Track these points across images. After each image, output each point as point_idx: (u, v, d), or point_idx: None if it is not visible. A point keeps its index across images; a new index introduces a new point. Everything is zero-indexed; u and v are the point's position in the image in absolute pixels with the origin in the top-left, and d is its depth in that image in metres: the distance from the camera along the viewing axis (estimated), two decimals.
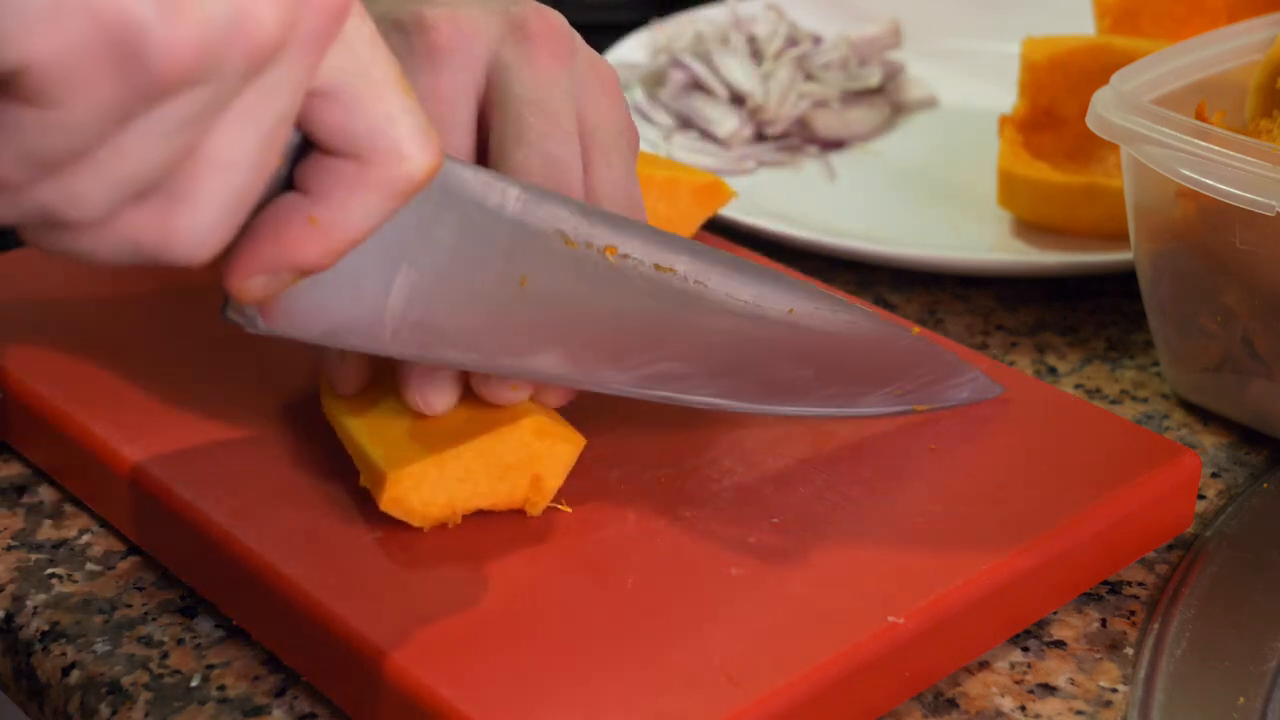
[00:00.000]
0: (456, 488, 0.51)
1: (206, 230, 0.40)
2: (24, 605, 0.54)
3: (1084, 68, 0.79)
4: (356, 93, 0.41)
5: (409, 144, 0.42)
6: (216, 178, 0.39)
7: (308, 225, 0.42)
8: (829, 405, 0.57)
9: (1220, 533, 0.58)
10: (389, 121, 0.41)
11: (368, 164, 0.41)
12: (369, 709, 0.48)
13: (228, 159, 0.39)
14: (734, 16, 0.96)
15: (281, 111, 0.39)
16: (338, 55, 0.40)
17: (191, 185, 0.39)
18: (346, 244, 0.43)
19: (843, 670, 0.47)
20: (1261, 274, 0.60)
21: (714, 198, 0.70)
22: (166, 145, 0.38)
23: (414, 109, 0.42)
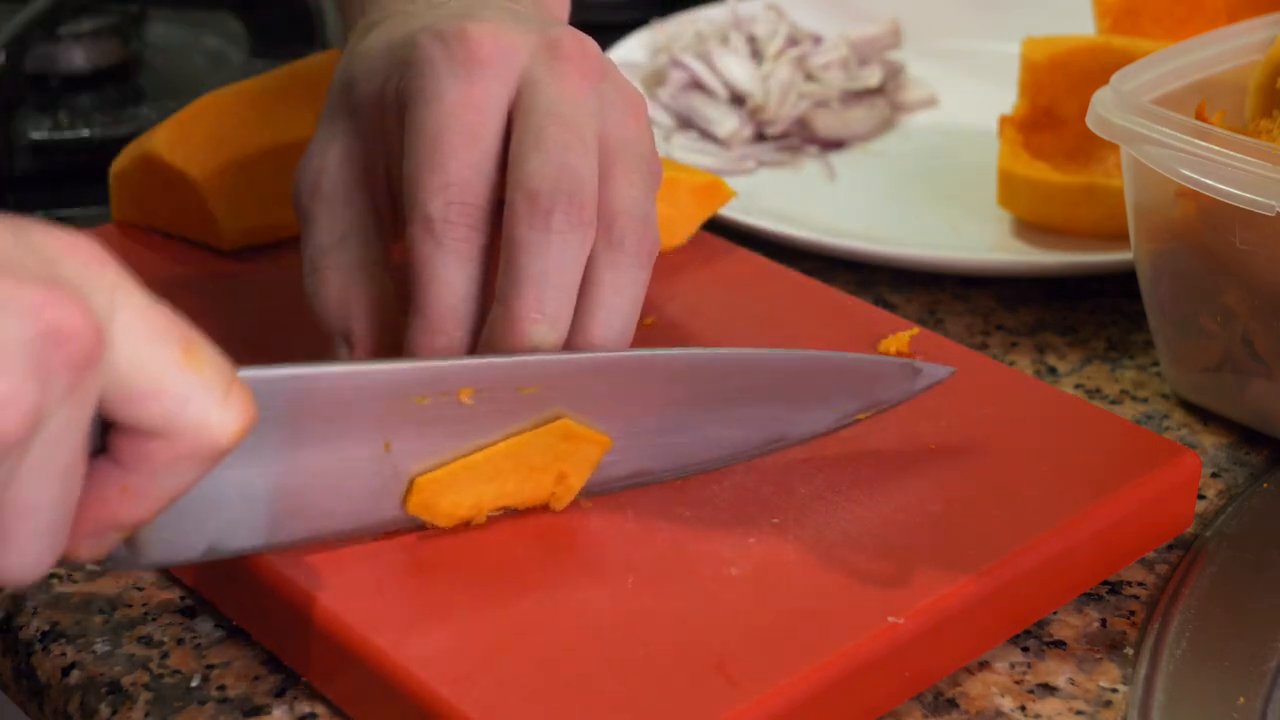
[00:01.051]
0: (484, 488, 0.51)
1: (30, 564, 0.41)
2: (24, 605, 0.54)
3: (1084, 68, 0.79)
4: (144, 385, 0.41)
5: (207, 416, 0.42)
6: (24, 523, 0.40)
7: (122, 493, 0.42)
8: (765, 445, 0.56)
9: (1220, 533, 0.58)
10: (182, 403, 0.41)
11: (171, 439, 0.42)
12: (369, 709, 0.48)
13: (28, 506, 0.40)
14: (734, 16, 0.96)
15: (64, 456, 0.40)
16: (117, 356, 0.40)
17: (2, 533, 0.40)
18: (163, 504, 0.43)
19: (843, 670, 0.47)
20: (1261, 274, 0.60)
21: (714, 198, 0.70)
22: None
23: (207, 380, 0.42)
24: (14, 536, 0.40)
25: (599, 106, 0.55)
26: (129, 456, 0.42)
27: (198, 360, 0.42)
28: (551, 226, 0.51)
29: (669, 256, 0.68)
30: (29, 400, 0.37)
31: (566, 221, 0.51)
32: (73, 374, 0.39)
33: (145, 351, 0.41)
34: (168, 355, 0.41)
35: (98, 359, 0.39)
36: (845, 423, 0.56)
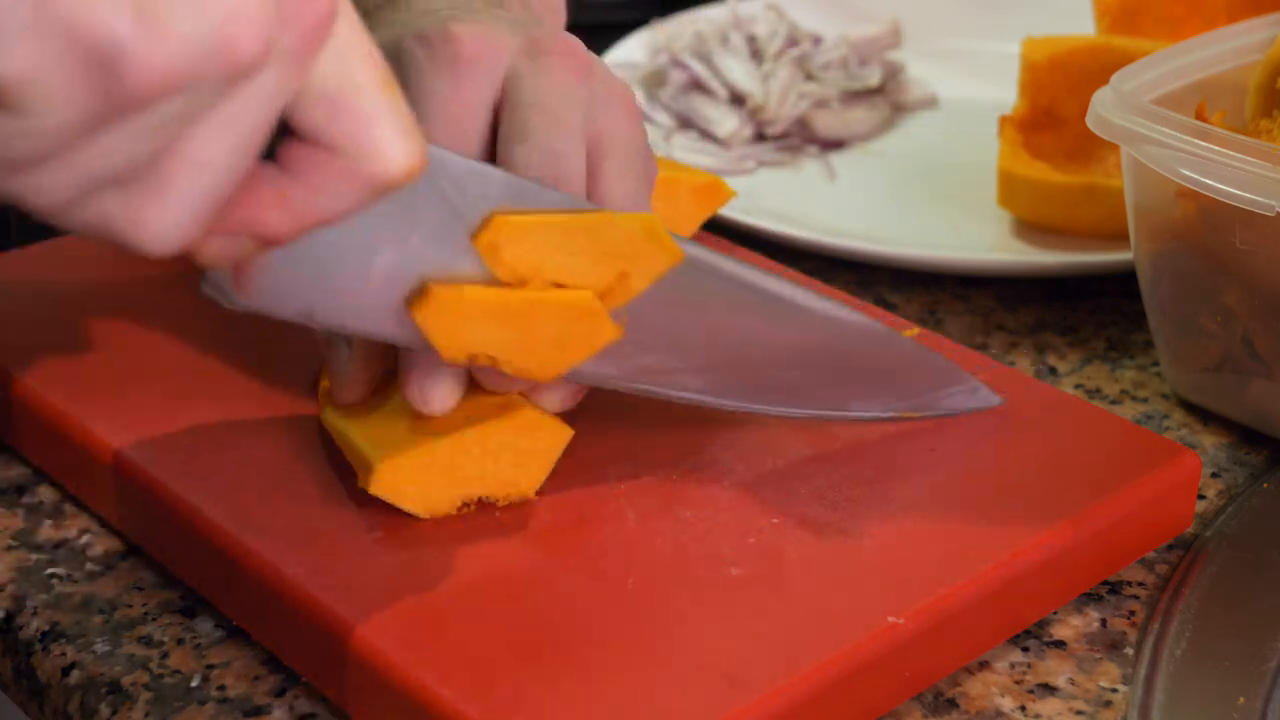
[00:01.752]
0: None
1: (174, 225, 0.40)
2: (24, 605, 0.54)
3: (1084, 68, 0.79)
4: (341, 95, 0.41)
5: (389, 145, 0.42)
6: (189, 176, 0.39)
7: (278, 198, 0.42)
8: (819, 408, 0.57)
9: (1220, 533, 0.58)
10: (370, 123, 0.42)
11: (346, 158, 0.42)
12: (369, 709, 0.48)
13: (202, 160, 0.39)
14: (734, 16, 0.96)
15: (260, 120, 0.40)
16: (324, 59, 0.41)
17: (163, 181, 0.39)
18: (312, 224, 0.43)
19: (843, 670, 0.47)
20: (1261, 274, 0.60)
21: (714, 198, 0.70)
22: (137, 148, 0.38)
23: (398, 111, 0.42)
24: (174, 187, 0.39)
25: (586, 100, 0.55)
26: (300, 164, 0.42)
27: (393, 89, 0.42)
28: None
29: None
30: (266, 33, 0.38)
31: None
32: (304, 35, 0.39)
33: (353, 62, 0.41)
34: (371, 74, 0.42)
35: (325, 33, 0.40)
36: (892, 416, 0.57)
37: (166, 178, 0.39)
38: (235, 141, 0.40)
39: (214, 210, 0.41)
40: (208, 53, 0.37)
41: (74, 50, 0.35)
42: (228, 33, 0.37)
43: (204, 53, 0.37)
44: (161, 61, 0.36)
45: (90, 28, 0.35)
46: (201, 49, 0.37)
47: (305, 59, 0.40)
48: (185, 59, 0.36)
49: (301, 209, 0.42)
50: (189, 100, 0.38)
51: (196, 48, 0.37)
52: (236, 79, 0.38)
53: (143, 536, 0.56)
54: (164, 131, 0.38)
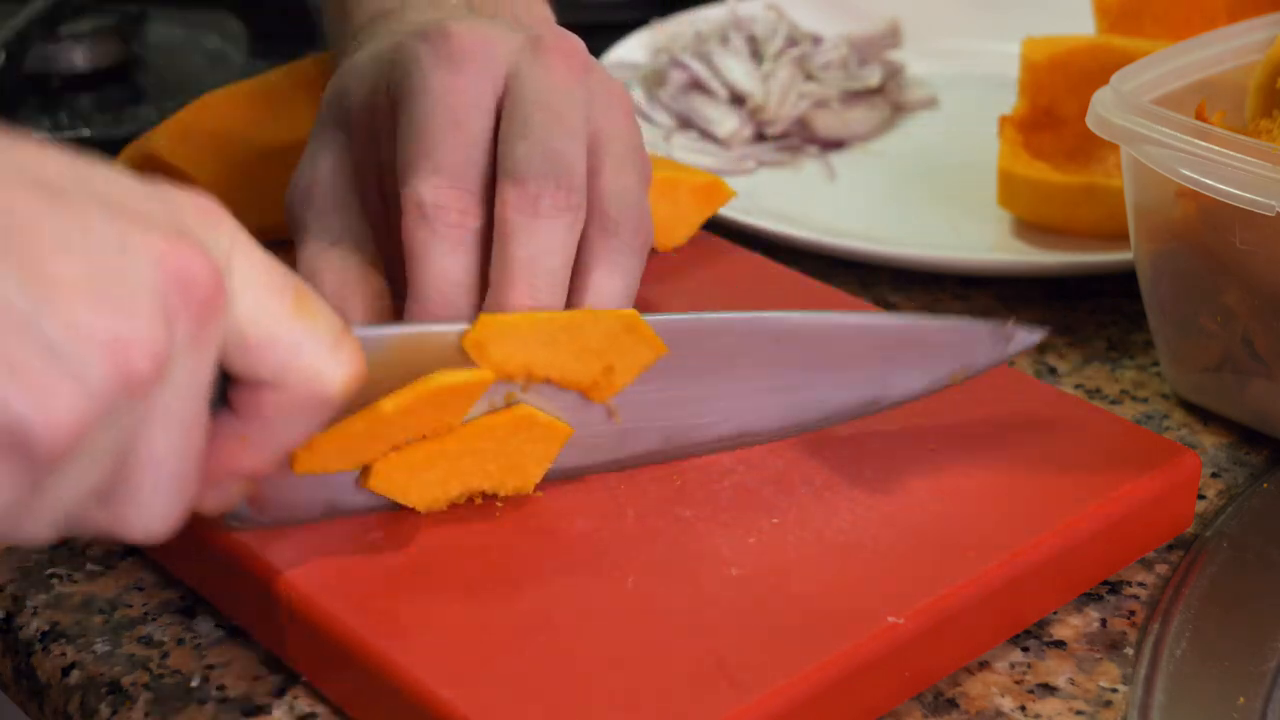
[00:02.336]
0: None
1: (157, 517, 0.42)
2: (24, 605, 0.54)
3: (1084, 68, 0.79)
4: (258, 338, 0.42)
5: (319, 367, 0.43)
6: (150, 475, 0.41)
7: (241, 442, 0.44)
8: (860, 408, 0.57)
9: (1220, 533, 0.58)
10: (295, 353, 0.43)
11: (286, 391, 0.43)
12: (369, 709, 0.48)
13: (153, 458, 0.41)
14: (734, 16, 0.96)
15: (188, 404, 0.41)
16: (230, 316, 0.42)
17: (129, 486, 0.41)
18: (280, 454, 0.45)
19: (843, 670, 0.47)
20: (1261, 274, 0.60)
21: (714, 198, 0.70)
22: (89, 477, 0.39)
23: (319, 329, 0.44)
24: (142, 489, 0.41)
25: (586, 98, 0.55)
26: (246, 407, 0.43)
27: (309, 311, 0.43)
28: (540, 211, 0.52)
29: (669, 256, 0.68)
30: (158, 342, 0.38)
31: (554, 205, 0.52)
32: (197, 320, 0.40)
33: (260, 302, 0.42)
34: (281, 306, 0.43)
35: (220, 306, 0.40)
36: (938, 386, 0.57)
37: (131, 484, 0.41)
38: (176, 431, 0.41)
39: (187, 490, 0.42)
40: (108, 388, 0.38)
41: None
42: (119, 362, 0.38)
43: (104, 390, 0.38)
44: (67, 418, 0.37)
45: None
46: (100, 387, 0.38)
47: (207, 340, 0.41)
48: (88, 406, 0.37)
49: (265, 444, 0.44)
50: (115, 424, 0.39)
51: (95, 390, 0.37)
52: (145, 391, 0.39)
53: None
54: (104, 457, 0.39)
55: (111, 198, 0.39)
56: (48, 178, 0.39)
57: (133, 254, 0.38)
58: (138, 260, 0.38)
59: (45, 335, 0.37)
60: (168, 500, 0.42)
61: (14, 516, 0.39)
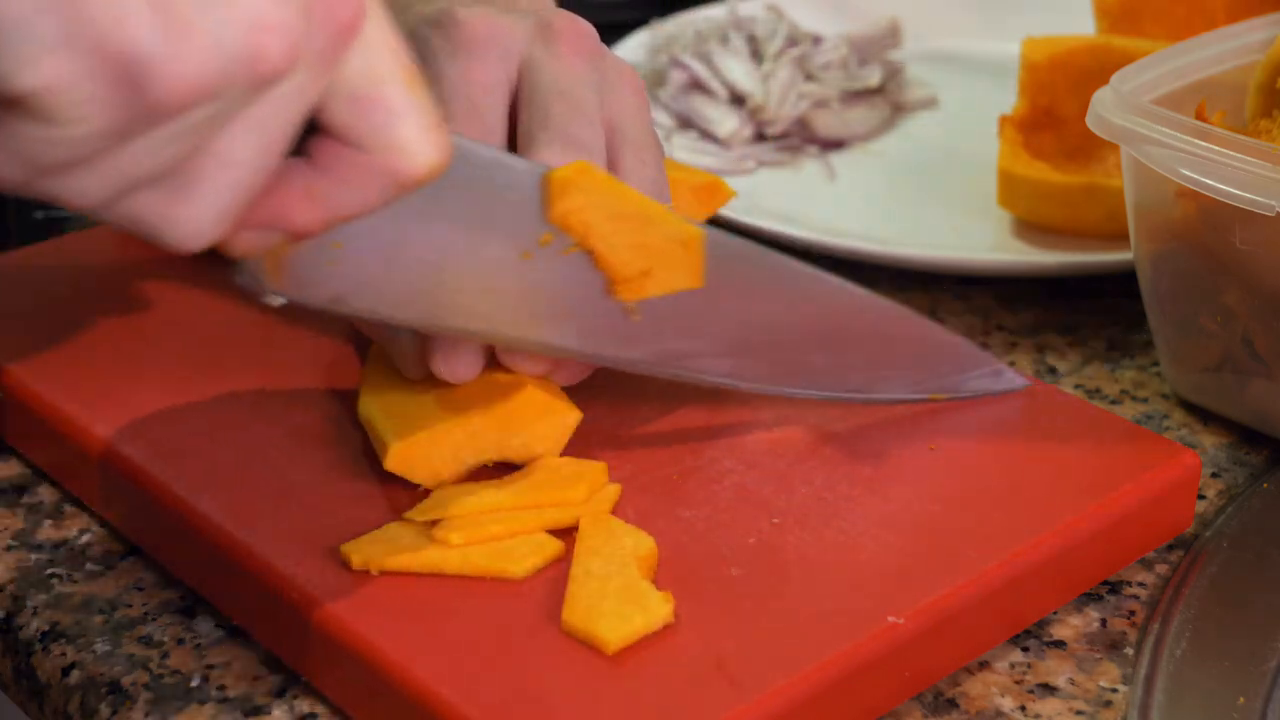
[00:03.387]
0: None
1: (205, 221, 0.41)
2: (24, 605, 0.54)
3: (1084, 68, 0.79)
4: (368, 93, 0.42)
5: (414, 142, 0.43)
6: (218, 175, 0.40)
7: (305, 193, 0.43)
8: (845, 390, 0.58)
9: (1220, 533, 0.58)
10: (397, 120, 0.42)
11: (372, 155, 0.43)
12: (369, 709, 0.48)
13: (231, 160, 0.40)
14: (734, 16, 0.96)
15: (287, 121, 0.40)
16: (352, 58, 0.41)
17: (194, 180, 0.40)
18: (339, 218, 0.44)
19: (843, 670, 0.47)
20: (1261, 274, 0.60)
21: (714, 198, 0.70)
22: (168, 151, 0.39)
23: (424, 108, 0.43)
24: (204, 185, 0.40)
25: (599, 83, 0.56)
26: (327, 160, 0.43)
27: (418, 87, 0.43)
28: None
29: None
30: (295, 39, 0.38)
31: None
32: (331, 39, 0.40)
33: (380, 61, 0.42)
34: (396, 72, 0.42)
35: (353, 36, 0.40)
36: (917, 398, 0.58)
37: (197, 178, 0.40)
38: (263, 142, 0.40)
39: (243, 207, 0.41)
40: (235, 62, 0.38)
41: (102, 64, 0.36)
42: (255, 42, 0.38)
43: (231, 63, 0.37)
44: (189, 73, 0.37)
45: (118, 42, 0.36)
46: (229, 59, 0.37)
47: (333, 62, 0.40)
48: (213, 70, 0.37)
49: (328, 204, 0.43)
50: (218, 106, 0.38)
51: (224, 58, 0.37)
52: (265, 86, 0.39)
53: (142, 536, 0.56)
54: (194, 135, 0.39)
55: None
56: None
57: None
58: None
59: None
60: (221, 207, 0.41)
61: (84, 159, 0.38)
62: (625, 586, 0.48)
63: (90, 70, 0.36)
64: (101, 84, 0.36)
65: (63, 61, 0.36)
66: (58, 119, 0.37)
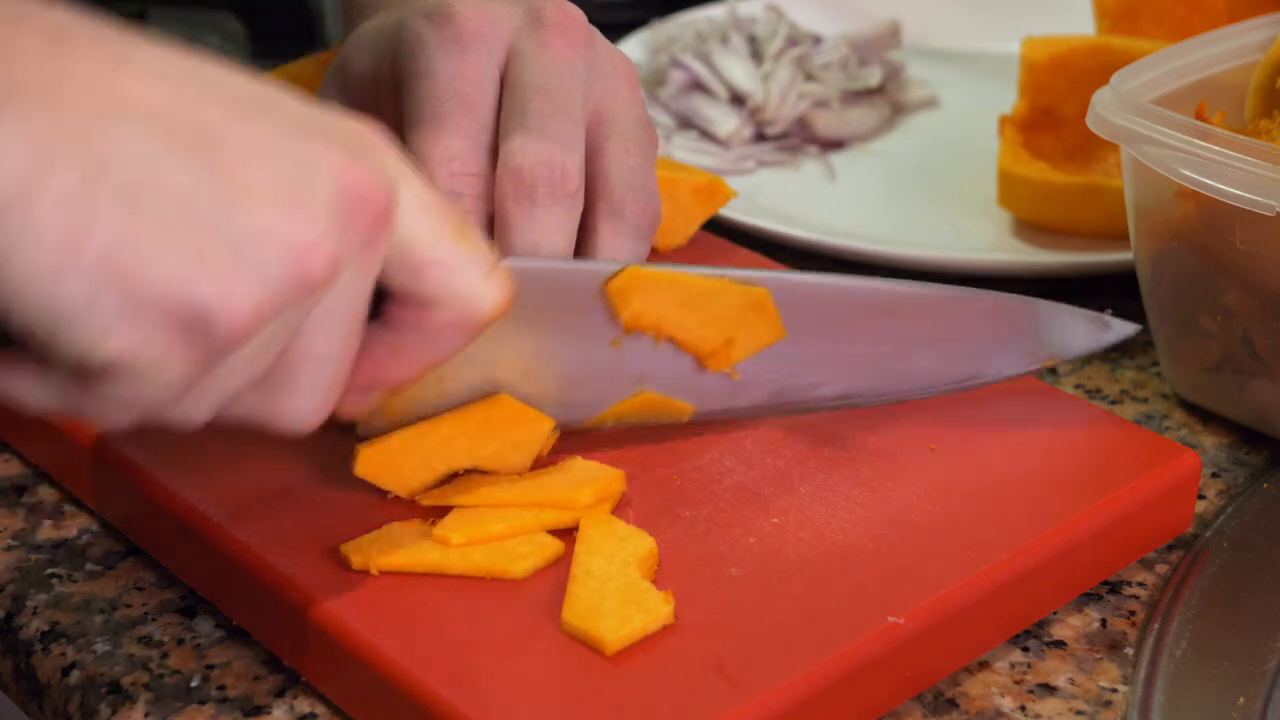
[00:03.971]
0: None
1: (308, 410, 0.44)
2: (24, 605, 0.54)
3: (1084, 68, 0.79)
4: (420, 258, 0.45)
5: (475, 289, 0.46)
6: (307, 370, 0.44)
7: (393, 353, 0.46)
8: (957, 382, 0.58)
9: (1220, 533, 0.58)
10: (453, 274, 0.45)
11: (441, 310, 0.46)
12: (369, 709, 0.48)
13: (313, 354, 0.43)
14: (734, 16, 0.96)
15: (353, 309, 0.44)
16: (395, 233, 0.44)
17: (286, 379, 0.43)
18: (425, 368, 0.47)
19: (843, 670, 0.47)
20: (1261, 274, 0.60)
21: (714, 198, 0.70)
22: (253, 368, 0.42)
23: (475, 254, 0.46)
24: (298, 383, 0.43)
25: (586, 74, 0.56)
26: (401, 321, 0.46)
27: (468, 237, 0.46)
28: (536, 200, 0.53)
29: (669, 257, 0.68)
30: (334, 248, 0.41)
31: (550, 194, 0.53)
32: (368, 232, 0.42)
33: (424, 224, 0.45)
34: (443, 229, 0.45)
35: (389, 221, 0.43)
36: (1034, 367, 0.59)
37: (288, 377, 0.43)
38: (337, 332, 0.43)
39: (338, 388, 0.45)
40: (284, 285, 0.40)
41: (165, 323, 0.39)
42: (297, 262, 0.40)
43: (281, 286, 0.40)
44: (245, 309, 0.39)
45: (174, 300, 0.39)
46: (277, 285, 0.40)
47: (377, 249, 0.43)
48: (266, 298, 0.40)
49: (414, 358, 0.47)
50: (285, 321, 0.41)
51: (273, 285, 0.40)
52: (317, 294, 0.41)
53: (142, 536, 0.56)
54: (272, 347, 0.42)
55: (295, 115, 0.42)
56: (235, 93, 0.41)
57: (315, 167, 0.41)
58: (319, 174, 0.41)
59: (232, 233, 0.39)
60: (320, 396, 0.44)
61: (178, 396, 0.41)
62: (625, 586, 0.49)
63: (155, 330, 0.39)
64: (169, 339, 0.39)
65: (130, 330, 0.38)
66: (140, 376, 0.39)
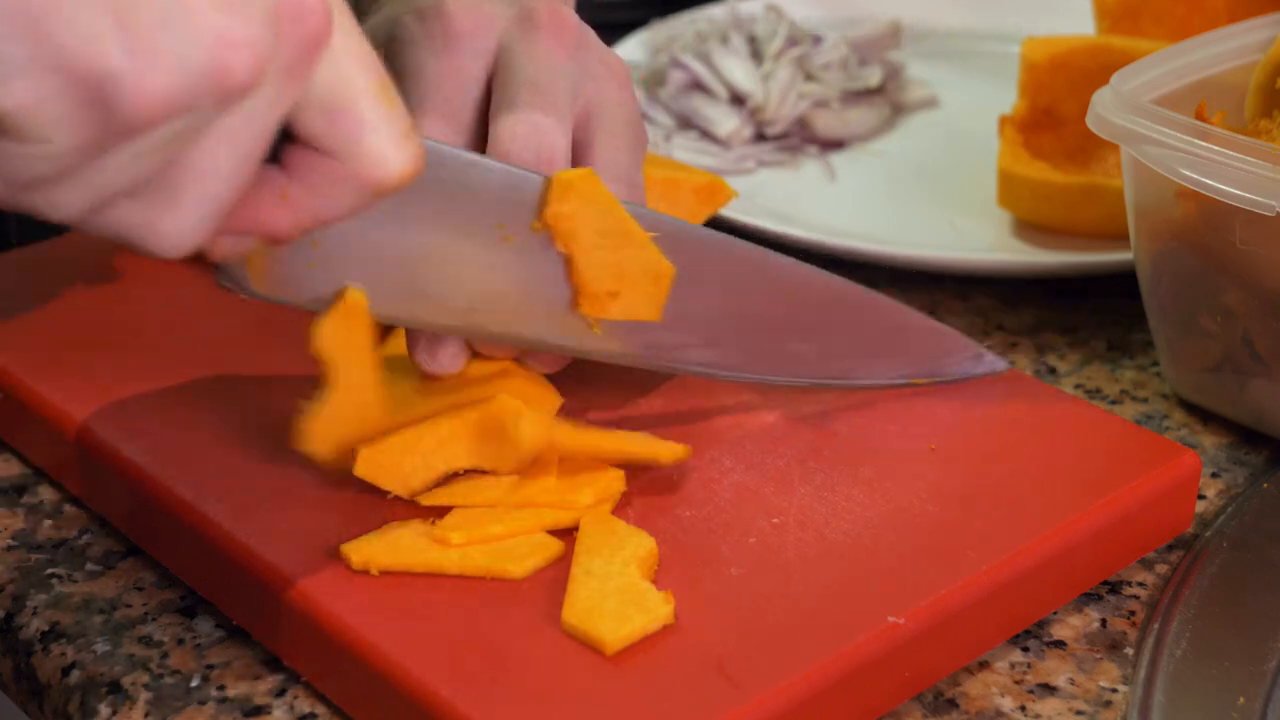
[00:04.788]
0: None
1: (184, 231, 0.42)
2: (24, 605, 0.54)
3: (1084, 68, 0.79)
4: (339, 103, 0.43)
5: (386, 151, 0.44)
6: (194, 186, 0.41)
7: (281, 200, 0.44)
8: (827, 377, 0.58)
9: (1220, 533, 0.58)
10: (368, 129, 0.43)
11: (345, 163, 0.44)
12: (369, 709, 0.48)
13: (206, 170, 0.41)
14: (734, 16, 0.96)
15: (260, 132, 0.41)
16: (321, 68, 0.42)
17: (171, 191, 0.41)
18: (315, 224, 0.45)
19: (843, 670, 0.47)
20: (1261, 274, 0.60)
21: (714, 197, 0.70)
22: (143, 165, 0.40)
23: (395, 116, 0.44)
24: (182, 198, 0.41)
25: (576, 72, 0.56)
26: (301, 168, 0.44)
27: (389, 96, 0.44)
28: None
29: None
30: (260, 54, 0.39)
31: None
32: (298, 50, 0.41)
33: (351, 70, 0.43)
34: (367, 82, 0.43)
35: (321, 46, 0.41)
36: (901, 382, 0.59)
37: (174, 189, 0.41)
38: (237, 153, 0.41)
39: (221, 215, 0.42)
40: (201, 78, 0.38)
41: (71, 84, 0.37)
42: (221, 58, 0.39)
43: (198, 79, 0.38)
44: (156, 90, 0.38)
45: (85, 62, 0.37)
46: (195, 75, 0.38)
47: (301, 74, 0.41)
48: (179, 86, 0.38)
49: (303, 210, 0.44)
50: (189, 120, 0.39)
51: (190, 74, 0.38)
52: (233, 100, 0.40)
53: (142, 536, 0.56)
54: (167, 149, 0.40)
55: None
56: None
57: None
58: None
59: (164, 10, 0.38)
60: (200, 218, 0.42)
61: (60, 174, 0.39)
62: (625, 586, 0.49)
63: (60, 90, 0.37)
64: (71, 103, 0.37)
65: (32, 83, 0.37)
66: (32, 137, 0.38)
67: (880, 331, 0.58)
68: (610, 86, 0.57)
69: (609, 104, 0.57)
